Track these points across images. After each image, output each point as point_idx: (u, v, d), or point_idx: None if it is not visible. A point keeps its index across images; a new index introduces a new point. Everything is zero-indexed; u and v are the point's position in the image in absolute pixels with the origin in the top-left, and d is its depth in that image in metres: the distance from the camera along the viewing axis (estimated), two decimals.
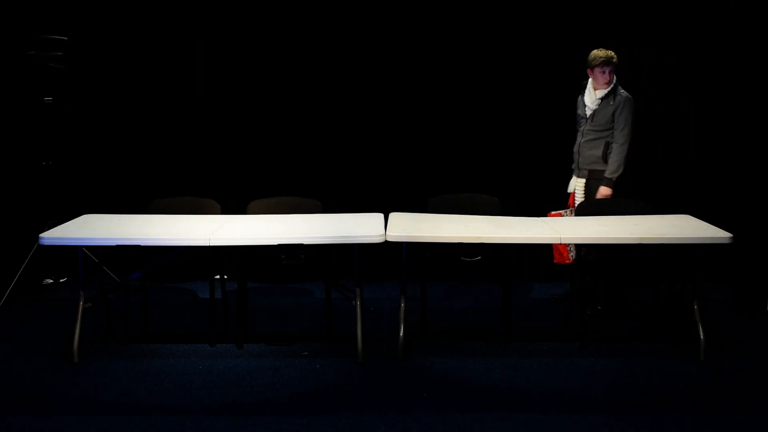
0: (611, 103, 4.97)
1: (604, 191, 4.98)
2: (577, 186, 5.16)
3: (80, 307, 4.27)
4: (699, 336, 4.22)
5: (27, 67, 5.25)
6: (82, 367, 4.16)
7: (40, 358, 4.28)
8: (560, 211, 4.96)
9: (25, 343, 4.53)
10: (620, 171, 4.96)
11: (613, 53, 4.94)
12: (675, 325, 4.48)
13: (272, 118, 5.83)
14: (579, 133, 5.15)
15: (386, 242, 4.13)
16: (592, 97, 5.04)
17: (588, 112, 5.06)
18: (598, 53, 4.94)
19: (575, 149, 5.19)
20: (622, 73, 5.67)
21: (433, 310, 5.02)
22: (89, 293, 4.41)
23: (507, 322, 4.58)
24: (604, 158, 5.01)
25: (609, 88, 4.97)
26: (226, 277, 4.97)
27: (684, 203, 5.54)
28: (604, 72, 4.93)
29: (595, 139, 5.04)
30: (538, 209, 5.72)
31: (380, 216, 4.55)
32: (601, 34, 5.66)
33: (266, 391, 3.88)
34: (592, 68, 4.97)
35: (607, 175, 4.97)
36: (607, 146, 4.98)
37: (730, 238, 4.11)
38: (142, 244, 4.08)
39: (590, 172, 5.09)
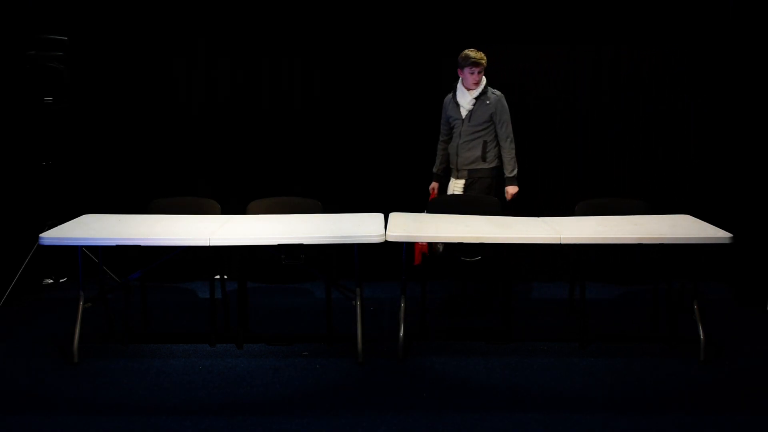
0: (487, 102, 5.01)
1: (511, 190, 5.07)
2: (455, 187, 5.15)
3: (80, 307, 4.27)
4: (699, 336, 4.22)
5: (27, 67, 5.25)
6: (82, 367, 4.16)
7: (40, 358, 4.28)
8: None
9: (25, 343, 4.53)
10: (517, 166, 5.06)
11: (482, 56, 4.97)
12: (675, 325, 4.48)
13: (272, 118, 5.83)
14: (456, 135, 5.12)
15: (386, 242, 4.13)
16: (466, 97, 5.04)
17: (464, 113, 5.06)
18: (469, 53, 4.96)
19: (451, 150, 5.16)
20: (623, 74, 5.70)
21: (433, 310, 5.02)
22: (89, 293, 4.40)
23: (507, 322, 4.58)
24: (483, 157, 5.03)
25: (481, 89, 5.00)
26: (226, 277, 4.97)
27: (684, 203, 5.54)
28: (473, 73, 4.96)
29: (473, 140, 5.05)
30: (539, 209, 5.74)
31: (380, 216, 4.55)
32: (602, 34, 5.68)
33: (266, 391, 3.88)
34: (462, 68, 4.99)
35: (508, 175, 5.06)
36: (485, 145, 5.01)
37: (730, 238, 4.10)
38: (142, 244, 4.08)
39: (469, 172, 5.08)
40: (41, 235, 4.13)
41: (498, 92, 5.07)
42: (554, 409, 3.66)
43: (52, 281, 5.72)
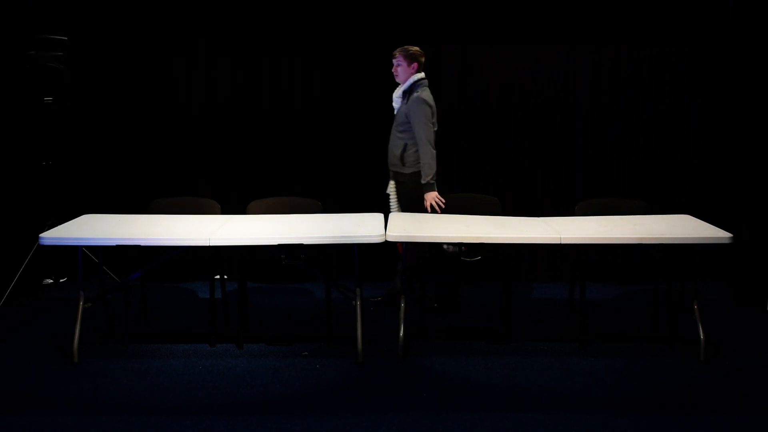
0: (406, 102, 4.84)
1: (428, 198, 4.76)
2: (390, 188, 5.01)
3: (80, 307, 4.27)
4: (699, 336, 4.22)
5: (27, 67, 5.24)
6: (82, 367, 4.16)
7: (40, 358, 4.28)
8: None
9: (25, 343, 4.53)
10: (433, 170, 4.74)
11: (400, 49, 4.81)
12: (675, 325, 4.48)
13: (272, 118, 5.83)
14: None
15: (386, 242, 4.13)
16: (396, 92, 4.92)
17: (395, 109, 4.94)
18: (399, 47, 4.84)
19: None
20: (623, 74, 5.70)
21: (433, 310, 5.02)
22: (89, 293, 4.40)
23: (507, 322, 4.58)
24: (402, 160, 4.85)
25: (405, 86, 4.83)
26: (226, 277, 4.98)
27: (684, 203, 5.54)
28: (393, 64, 4.83)
29: (396, 140, 4.91)
30: (539, 209, 5.74)
31: (380, 216, 4.55)
32: (602, 34, 5.68)
33: (266, 391, 3.88)
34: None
35: (422, 181, 4.75)
36: (405, 148, 4.82)
37: (730, 238, 4.10)
38: (142, 244, 4.08)
39: (394, 174, 4.96)
40: (41, 235, 4.13)
41: (423, 93, 4.78)
42: (554, 409, 3.66)
43: (52, 281, 5.72)
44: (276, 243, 4.09)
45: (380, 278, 5.67)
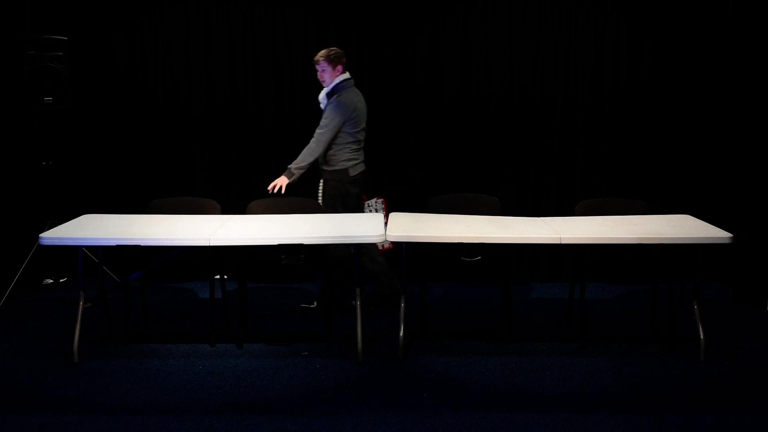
0: (326, 104, 4.95)
1: (281, 179, 4.81)
2: (321, 185, 5.10)
3: (80, 307, 4.27)
4: (699, 336, 4.23)
5: (27, 67, 5.25)
6: (82, 367, 4.16)
7: (40, 358, 4.28)
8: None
9: (25, 343, 4.53)
10: (304, 167, 4.83)
11: (325, 51, 4.86)
12: (675, 325, 4.48)
13: (272, 118, 5.83)
14: None
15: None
16: (321, 94, 5.01)
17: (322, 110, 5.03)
18: (320, 53, 4.91)
19: None
20: (623, 73, 5.70)
21: (433, 310, 5.02)
22: (89, 293, 4.41)
23: (507, 322, 4.58)
24: (325, 158, 4.94)
25: (330, 87, 4.90)
26: (226, 277, 4.98)
27: (684, 203, 5.55)
28: (317, 71, 4.91)
29: None
30: (539, 209, 5.75)
31: (380, 216, 4.55)
32: (603, 34, 5.68)
33: (266, 391, 3.88)
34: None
35: (290, 165, 4.84)
36: (329, 147, 4.90)
37: (730, 238, 4.11)
38: (142, 244, 4.08)
39: (321, 171, 5.04)
40: (41, 235, 4.13)
41: (345, 96, 4.86)
42: (554, 409, 3.66)
43: (52, 281, 5.72)
44: (276, 243, 4.10)
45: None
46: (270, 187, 4.82)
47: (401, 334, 4.29)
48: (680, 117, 5.71)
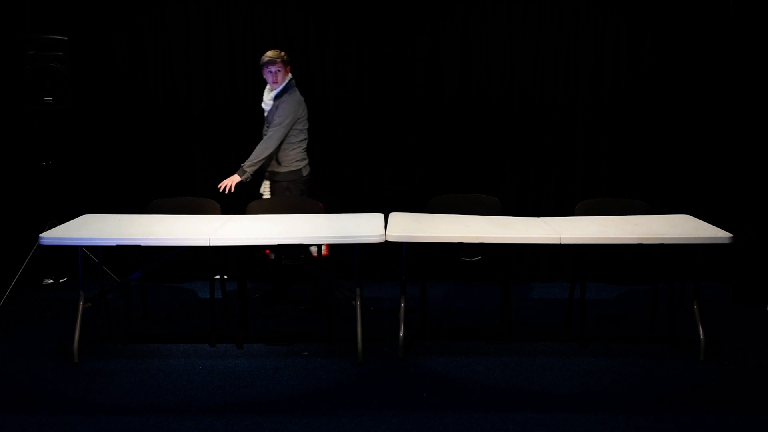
0: (278, 103, 4.98)
1: (232, 178, 4.90)
2: (264, 188, 5.15)
3: (80, 307, 4.27)
4: (699, 336, 4.23)
5: (27, 67, 5.25)
6: (82, 367, 4.16)
7: (40, 358, 4.28)
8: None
9: (25, 343, 4.53)
10: (257, 165, 4.92)
11: (277, 54, 4.94)
12: (675, 325, 4.48)
13: None
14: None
15: (386, 242, 4.13)
16: (267, 95, 5.05)
17: (266, 112, 5.07)
18: (266, 54, 4.96)
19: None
20: (624, 73, 5.70)
21: (433, 310, 5.02)
22: (89, 293, 4.41)
23: (507, 322, 4.58)
24: (277, 159, 5.00)
25: (280, 88, 4.96)
26: (226, 277, 4.97)
27: (684, 203, 5.54)
28: (270, 72, 4.94)
29: None
30: (539, 209, 5.75)
31: (380, 216, 4.55)
32: (603, 34, 5.68)
33: (266, 391, 3.88)
34: (262, 69, 4.99)
35: (244, 164, 4.91)
36: (280, 147, 4.96)
37: (730, 238, 4.11)
38: (142, 244, 4.08)
39: (270, 173, 5.07)
40: (41, 235, 4.13)
41: (295, 95, 5.01)
42: (554, 409, 3.66)
43: (52, 281, 5.72)
44: (276, 243, 4.09)
45: (380, 278, 5.68)
46: (220, 186, 4.89)
47: (401, 334, 4.29)
48: (680, 117, 5.71)
